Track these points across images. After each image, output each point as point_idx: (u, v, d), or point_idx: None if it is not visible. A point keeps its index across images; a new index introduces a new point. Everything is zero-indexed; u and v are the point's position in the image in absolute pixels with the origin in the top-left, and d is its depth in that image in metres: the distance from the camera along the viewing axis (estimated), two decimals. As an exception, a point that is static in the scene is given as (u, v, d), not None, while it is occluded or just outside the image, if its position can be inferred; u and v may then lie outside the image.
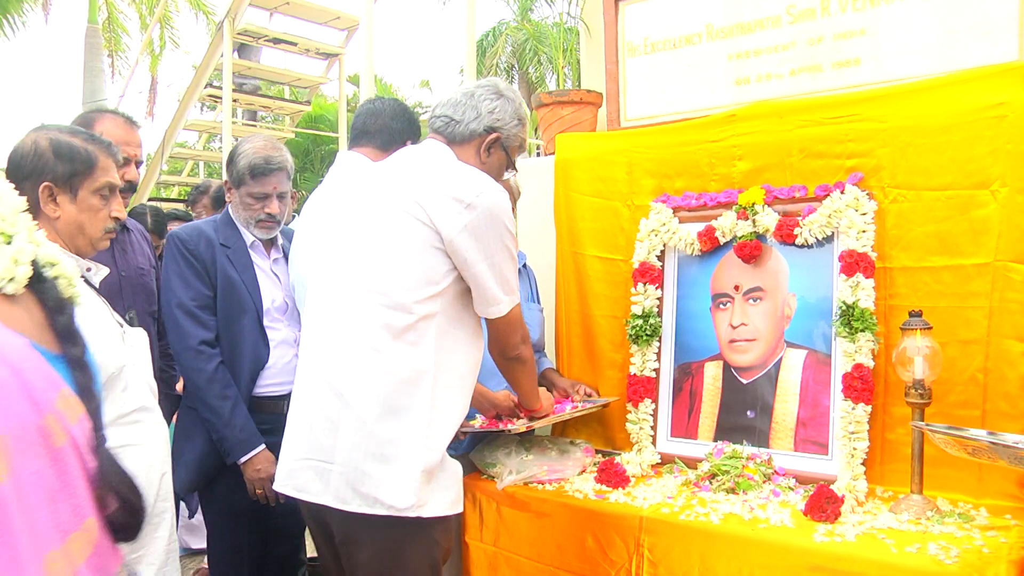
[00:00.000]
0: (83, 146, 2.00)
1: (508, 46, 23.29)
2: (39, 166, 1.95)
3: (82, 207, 2.00)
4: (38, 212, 1.94)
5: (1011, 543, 2.06)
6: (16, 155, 1.96)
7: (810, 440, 2.62)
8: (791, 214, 2.73)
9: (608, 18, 3.57)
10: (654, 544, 2.36)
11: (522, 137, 2.41)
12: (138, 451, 2.02)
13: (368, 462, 2.05)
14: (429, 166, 2.25)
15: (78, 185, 1.99)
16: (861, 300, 2.51)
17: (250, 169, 2.89)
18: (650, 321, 2.96)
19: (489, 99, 2.32)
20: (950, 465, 2.35)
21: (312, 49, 10.47)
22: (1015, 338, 2.37)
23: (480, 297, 2.19)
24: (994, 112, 2.42)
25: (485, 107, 2.31)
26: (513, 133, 2.36)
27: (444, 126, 2.33)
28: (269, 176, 2.92)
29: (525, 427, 2.68)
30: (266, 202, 2.93)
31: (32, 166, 1.95)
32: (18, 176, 1.94)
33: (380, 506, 2.04)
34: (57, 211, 1.96)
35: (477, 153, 2.33)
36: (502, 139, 2.34)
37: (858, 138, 2.66)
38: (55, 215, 1.97)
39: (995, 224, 2.40)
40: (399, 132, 3.00)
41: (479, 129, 2.31)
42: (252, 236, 2.97)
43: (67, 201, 1.98)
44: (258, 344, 2.89)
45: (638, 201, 3.13)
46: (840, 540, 2.12)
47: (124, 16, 19.34)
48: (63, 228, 1.99)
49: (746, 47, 3.19)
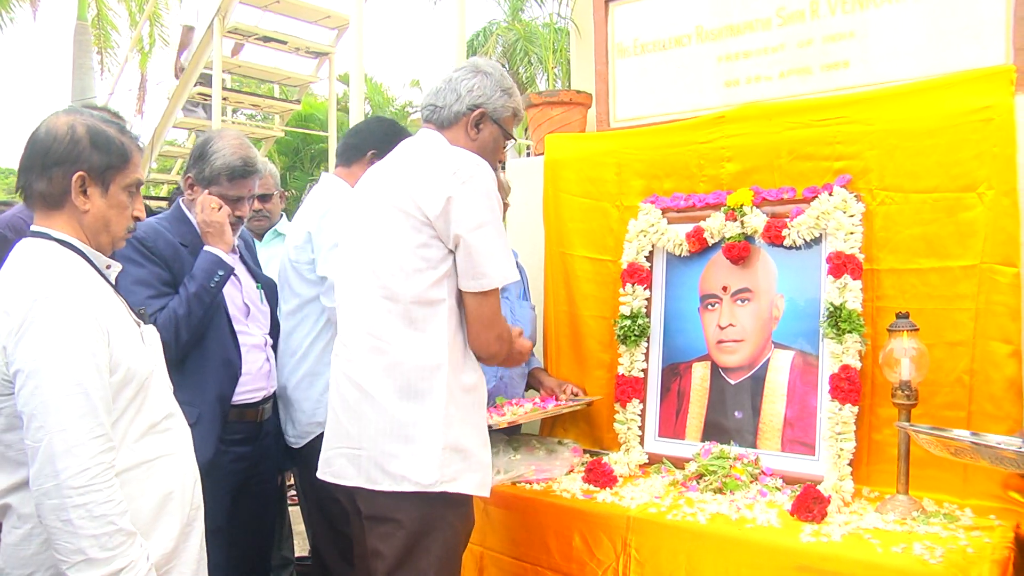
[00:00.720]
0: (118, 138, 1.88)
1: (498, 46, 23.27)
2: (74, 153, 1.81)
3: (111, 202, 1.88)
4: (64, 202, 1.83)
5: (995, 543, 2.08)
6: (47, 138, 1.81)
7: (797, 440, 2.63)
8: (779, 216, 2.74)
9: (598, 19, 3.57)
10: (641, 544, 2.36)
11: (512, 106, 2.41)
12: (172, 461, 1.94)
13: (392, 443, 2.16)
14: (415, 155, 2.32)
15: (110, 179, 1.86)
16: (848, 301, 2.52)
17: (228, 171, 2.70)
18: (638, 321, 2.96)
19: (467, 79, 2.36)
20: (936, 466, 2.36)
21: (302, 48, 10.41)
22: (1001, 340, 2.39)
23: (465, 269, 2.17)
24: (981, 116, 2.43)
25: (464, 87, 2.35)
26: (499, 104, 2.37)
27: (431, 114, 2.39)
28: (247, 179, 2.75)
29: (506, 423, 2.69)
30: (238, 205, 2.76)
31: (66, 152, 1.80)
32: (46, 161, 1.80)
33: (407, 483, 2.14)
34: (87, 204, 1.83)
35: (466, 132, 2.35)
36: (488, 112, 2.35)
37: (846, 140, 2.67)
38: (84, 208, 1.84)
39: (981, 227, 2.42)
40: (356, 147, 3.04)
41: (462, 109, 2.34)
42: None
43: (98, 195, 1.85)
44: (228, 349, 2.69)
45: (627, 202, 3.14)
46: (826, 540, 2.13)
47: (114, 13, 19.21)
48: (90, 223, 1.86)
49: (736, 49, 3.19)
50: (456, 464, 2.17)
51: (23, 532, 1.78)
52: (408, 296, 2.17)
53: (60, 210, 1.84)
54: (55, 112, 1.89)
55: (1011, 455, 1.97)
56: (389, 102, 22.90)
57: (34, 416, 1.66)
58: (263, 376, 2.80)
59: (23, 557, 1.78)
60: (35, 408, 1.66)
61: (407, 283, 2.16)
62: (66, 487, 1.64)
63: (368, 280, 2.23)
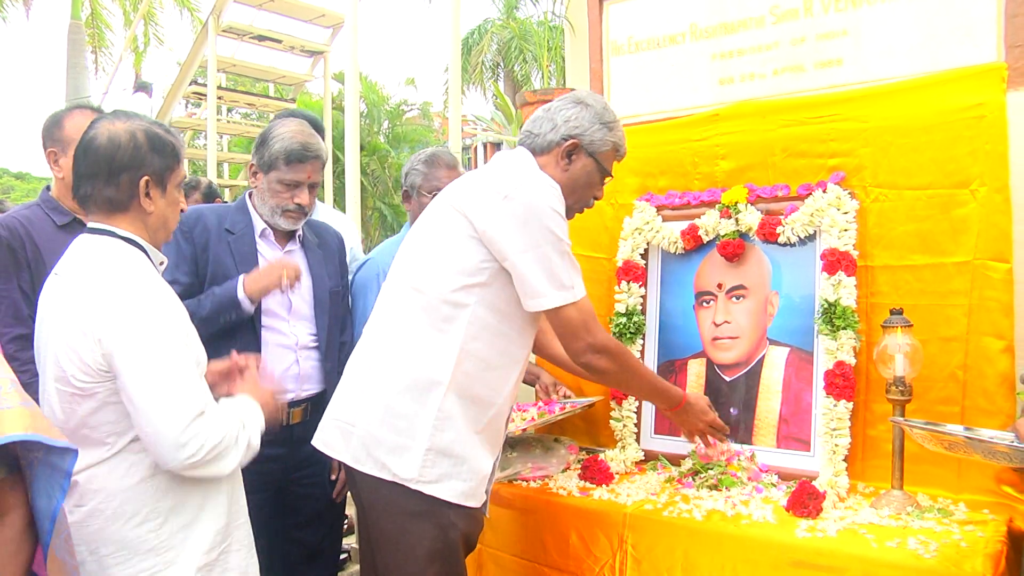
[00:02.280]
0: (168, 139, 1.97)
1: (493, 44, 23.28)
2: (138, 159, 1.89)
3: (169, 200, 1.98)
4: (130, 205, 1.91)
5: (988, 537, 2.09)
6: (111, 146, 1.88)
7: (792, 437, 2.65)
8: (774, 213, 2.75)
9: (592, 17, 3.58)
10: (638, 541, 2.37)
11: (612, 141, 2.34)
12: None
13: (382, 430, 2.17)
14: (493, 165, 2.34)
15: (167, 179, 1.96)
16: (843, 298, 2.53)
17: (285, 154, 2.67)
18: (634, 319, 2.97)
19: (565, 109, 2.32)
20: (930, 461, 2.38)
21: (297, 47, 10.43)
22: (994, 335, 2.40)
23: (521, 289, 2.17)
24: (973, 112, 2.44)
25: (561, 117, 2.31)
26: (597, 138, 2.31)
27: (525, 139, 2.36)
28: (305, 163, 2.71)
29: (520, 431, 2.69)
30: (297, 191, 2.71)
31: (131, 159, 1.88)
32: (112, 168, 1.87)
33: (387, 472, 2.15)
34: (151, 205, 1.93)
35: (557, 162, 2.31)
36: (582, 144, 2.29)
37: (840, 138, 2.68)
38: (149, 209, 1.93)
39: (974, 223, 2.43)
40: None
41: (556, 139, 2.30)
42: (264, 224, 2.75)
43: (159, 195, 1.94)
44: (247, 343, 2.61)
45: (622, 199, 3.14)
46: (822, 535, 2.14)
47: (108, 12, 19.19)
48: (153, 222, 1.96)
49: (730, 47, 3.21)
50: (442, 467, 2.15)
51: (87, 509, 1.83)
52: (435, 292, 2.17)
53: (125, 213, 1.92)
54: (106, 119, 1.95)
55: (1004, 449, 1.98)
56: (384, 100, 22.87)
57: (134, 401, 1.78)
58: (291, 379, 2.70)
59: (87, 534, 1.83)
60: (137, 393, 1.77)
61: (437, 279, 2.17)
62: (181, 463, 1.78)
63: (406, 270, 2.27)
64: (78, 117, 2.70)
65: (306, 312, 2.78)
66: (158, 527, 1.85)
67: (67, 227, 2.67)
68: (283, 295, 2.71)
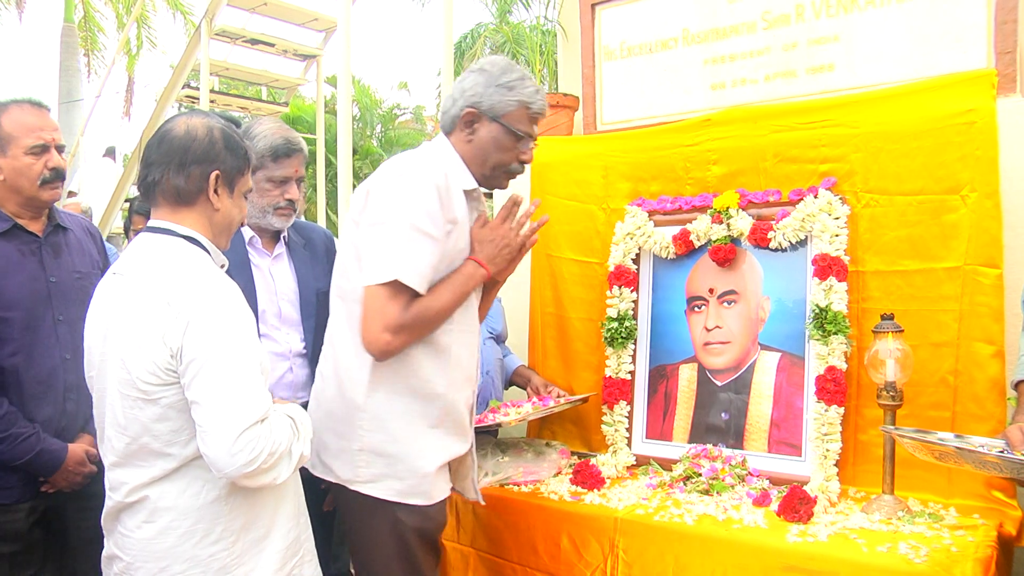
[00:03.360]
0: (243, 144, 1.99)
1: (487, 48, 23.26)
2: (212, 154, 1.90)
3: (236, 203, 1.98)
4: (197, 199, 1.91)
5: (978, 542, 2.09)
6: (187, 137, 1.89)
7: (784, 441, 2.65)
8: (765, 218, 2.75)
9: (585, 22, 3.59)
10: (629, 545, 2.37)
11: (516, 99, 2.22)
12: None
13: (327, 435, 2.25)
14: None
15: (236, 182, 1.97)
16: (834, 303, 2.54)
17: (271, 151, 2.65)
18: (625, 324, 2.97)
19: (464, 80, 2.26)
20: (921, 466, 2.37)
21: (290, 50, 10.42)
22: (984, 341, 2.41)
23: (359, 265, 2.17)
24: (964, 118, 2.45)
25: (459, 89, 2.27)
26: (496, 100, 2.21)
27: (441, 121, 2.34)
28: (291, 157, 2.69)
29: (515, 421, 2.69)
30: (286, 187, 2.70)
31: (205, 152, 1.89)
32: (185, 158, 1.88)
33: (331, 474, 2.24)
34: (219, 203, 1.92)
35: (461, 134, 2.27)
36: (481, 110, 2.21)
37: (831, 143, 2.68)
38: (217, 206, 1.93)
39: (965, 228, 2.44)
40: None
41: (457, 112, 2.25)
42: (251, 232, 2.72)
43: (226, 195, 1.94)
44: None
45: (614, 204, 3.15)
46: (812, 540, 2.14)
47: (100, 15, 19.14)
48: (218, 221, 1.95)
49: (722, 52, 3.21)
50: (376, 467, 2.18)
51: (160, 526, 1.83)
52: (350, 296, 2.20)
53: (191, 207, 1.91)
54: (184, 115, 1.98)
55: (994, 460, 1.98)
56: (377, 104, 22.87)
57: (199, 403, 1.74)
58: (285, 387, 2.66)
59: (158, 551, 1.83)
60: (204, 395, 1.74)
61: (349, 284, 2.21)
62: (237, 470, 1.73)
63: (334, 279, 2.33)
64: (16, 112, 2.52)
65: (295, 318, 2.75)
66: (231, 545, 1.85)
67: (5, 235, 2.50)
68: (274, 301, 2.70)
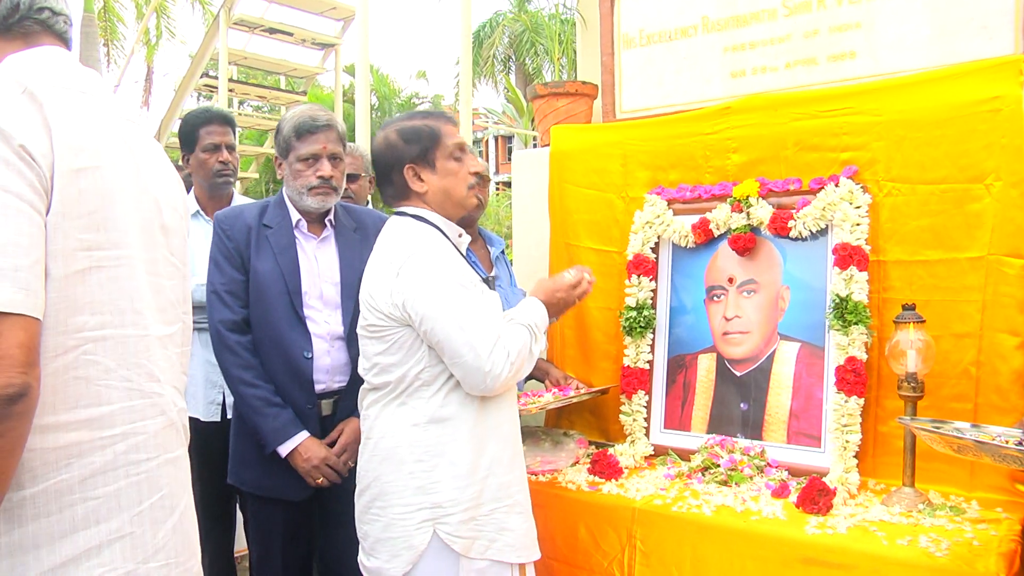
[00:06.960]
0: (423, 123, 2.28)
1: (505, 37, 23.24)
2: (396, 154, 2.25)
3: (442, 174, 2.27)
4: (408, 192, 2.27)
5: (1001, 536, 2.07)
6: (375, 154, 2.31)
7: (803, 432, 2.63)
8: (785, 207, 2.73)
9: (604, 10, 3.56)
10: (647, 535, 2.36)
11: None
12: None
13: None
14: None
15: (433, 157, 2.26)
16: (855, 293, 2.51)
17: (296, 129, 2.67)
18: (644, 313, 2.96)
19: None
20: (942, 459, 2.35)
21: (308, 39, 10.41)
22: (1008, 332, 2.38)
23: None
24: (989, 106, 2.42)
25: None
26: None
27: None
28: (317, 133, 2.68)
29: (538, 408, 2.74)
30: (317, 164, 2.67)
31: (391, 157, 2.26)
32: (385, 170, 2.29)
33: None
34: (423, 185, 2.26)
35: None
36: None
37: (853, 131, 2.65)
38: (423, 190, 2.26)
39: (989, 218, 2.41)
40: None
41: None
42: (298, 215, 2.73)
43: (429, 173, 2.26)
44: (293, 333, 2.64)
45: (632, 193, 3.13)
46: (832, 532, 2.13)
47: (120, 5, 19.26)
48: (432, 198, 2.27)
49: (742, 40, 3.18)
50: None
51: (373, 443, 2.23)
52: None
53: (407, 199, 2.29)
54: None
55: (1015, 453, 1.94)
56: (395, 93, 22.89)
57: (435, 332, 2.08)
58: (323, 370, 2.67)
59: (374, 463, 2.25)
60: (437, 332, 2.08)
61: None
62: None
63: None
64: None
65: (336, 300, 2.74)
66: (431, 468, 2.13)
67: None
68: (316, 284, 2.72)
